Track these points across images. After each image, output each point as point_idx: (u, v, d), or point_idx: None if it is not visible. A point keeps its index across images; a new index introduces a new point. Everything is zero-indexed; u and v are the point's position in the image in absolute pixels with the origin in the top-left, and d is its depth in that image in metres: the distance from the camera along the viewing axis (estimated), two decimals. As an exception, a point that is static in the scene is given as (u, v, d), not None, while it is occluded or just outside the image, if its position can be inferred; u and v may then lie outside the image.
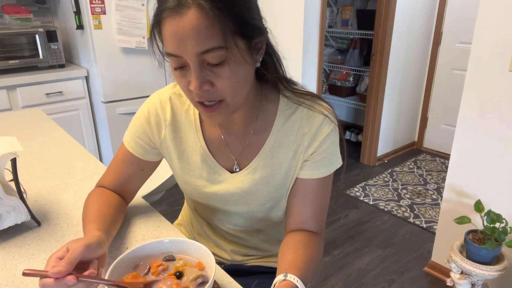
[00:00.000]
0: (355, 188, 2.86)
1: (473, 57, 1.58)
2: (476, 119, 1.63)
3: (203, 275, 0.63)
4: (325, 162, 0.78)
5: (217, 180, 0.82)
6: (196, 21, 0.58)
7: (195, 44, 0.59)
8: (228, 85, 0.64)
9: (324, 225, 0.82)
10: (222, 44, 0.60)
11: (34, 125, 1.53)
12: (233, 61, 0.62)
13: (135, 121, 0.84)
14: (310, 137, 0.76)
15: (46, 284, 0.56)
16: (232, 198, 0.83)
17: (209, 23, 0.58)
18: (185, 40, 0.59)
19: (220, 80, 0.63)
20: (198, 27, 0.58)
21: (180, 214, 1.13)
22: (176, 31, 0.60)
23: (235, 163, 0.81)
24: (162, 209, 2.58)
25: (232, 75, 0.63)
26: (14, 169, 0.81)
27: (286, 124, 0.77)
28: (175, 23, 0.59)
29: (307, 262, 0.71)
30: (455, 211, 1.80)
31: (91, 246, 0.61)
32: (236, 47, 0.62)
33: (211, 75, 0.63)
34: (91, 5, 2.34)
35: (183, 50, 0.61)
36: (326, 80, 3.95)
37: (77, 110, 2.67)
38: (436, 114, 3.42)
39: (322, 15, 2.63)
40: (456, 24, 3.09)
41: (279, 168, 0.79)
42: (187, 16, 0.58)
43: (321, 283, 1.92)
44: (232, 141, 0.81)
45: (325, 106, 0.78)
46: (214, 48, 0.60)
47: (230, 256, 0.96)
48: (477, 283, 1.62)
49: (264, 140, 0.79)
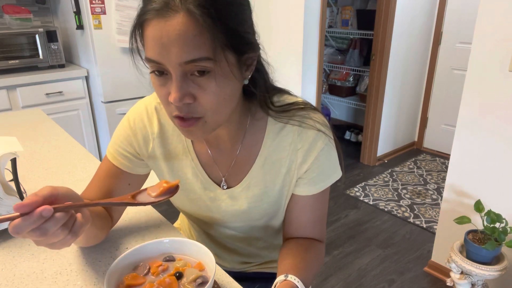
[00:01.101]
0: (355, 188, 2.86)
1: (473, 57, 1.58)
2: (476, 119, 1.63)
3: (203, 276, 0.63)
4: (321, 177, 0.74)
5: (209, 196, 0.78)
6: (183, 28, 0.53)
7: (180, 53, 0.54)
8: (211, 101, 0.58)
9: (324, 231, 0.81)
10: (211, 55, 0.54)
11: (34, 125, 1.53)
12: (220, 75, 0.57)
13: (119, 132, 0.77)
14: (304, 153, 0.71)
15: (16, 225, 0.47)
16: (226, 215, 0.80)
17: (198, 31, 0.53)
18: (169, 47, 0.54)
19: (203, 94, 0.58)
20: (185, 34, 0.53)
21: (179, 218, 1.11)
22: (159, 36, 0.54)
23: (223, 179, 0.77)
24: (162, 209, 2.58)
25: (217, 90, 0.58)
26: (14, 169, 0.81)
27: (277, 140, 0.72)
28: (159, 27, 0.54)
29: (307, 265, 0.70)
30: (455, 211, 1.80)
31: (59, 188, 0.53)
32: (225, 60, 0.56)
33: (194, 88, 0.57)
34: (91, 5, 2.34)
35: (166, 58, 0.55)
36: (326, 80, 3.95)
37: (77, 110, 2.67)
38: (436, 114, 3.42)
39: (322, 15, 2.63)
40: (456, 24, 3.09)
41: (273, 186, 0.75)
42: (174, 20, 0.53)
43: (321, 283, 1.92)
44: (220, 157, 0.76)
45: (317, 118, 0.72)
46: (201, 58, 0.54)
47: (229, 264, 0.95)
48: (477, 283, 1.62)
49: (254, 156, 0.74)
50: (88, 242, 0.75)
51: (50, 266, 0.73)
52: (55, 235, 0.51)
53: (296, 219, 0.78)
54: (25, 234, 0.49)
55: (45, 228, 0.49)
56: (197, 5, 0.53)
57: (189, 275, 0.63)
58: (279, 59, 2.75)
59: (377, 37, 2.93)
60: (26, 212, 0.48)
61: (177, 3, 0.53)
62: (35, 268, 0.73)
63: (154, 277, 0.64)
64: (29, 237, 0.50)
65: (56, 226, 0.50)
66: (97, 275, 0.71)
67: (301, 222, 0.78)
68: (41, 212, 0.48)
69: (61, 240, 0.52)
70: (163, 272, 0.65)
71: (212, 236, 0.91)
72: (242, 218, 0.80)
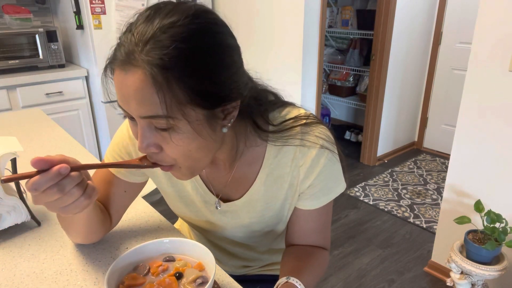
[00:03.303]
0: (355, 188, 2.86)
1: (473, 57, 1.58)
2: (476, 119, 1.62)
3: (203, 276, 0.63)
4: (324, 192, 0.72)
5: (209, 210, 0.78)
6: (139, 85, 0.51)
7: (137, 108, 0.53)
8: (178, 152, 0.57)
9: (329, 239, 0.79)
10: (166, 113, 0.52)
11: (34, 125, 1.53)
12: (185, 131, 0.54)
13: (117, 139, 0.77)
14: (306, 170, 0.70)
15: (35, 182, 0.49)
16: (227, 227, 0.80)
17: (154, 90, 0.51)
18: (128, 100, 0.53)
19: (168, 146, 0.56)
20: (141, 91, 0.51)
21: (179, 219, 1.10)
22: (120, 87, 0.54)
23: (216, 200, 0.76)
24: (162, 209, 2.57)
25: (182, 144, 0.56)
26: (14, 169, 0.81)
27: (278, 157, 0.70)
28: (120, 79, 0.53)
29: (309, 270, 0.70)
30: (455, 211, 1.80)
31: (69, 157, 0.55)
32: (185, 119, 0.53)
33: (159, 139, 0.56)
34: (91, 5, 2.34)
35: (128, 109, 0.55)
36: (326, 80, 3.95)
37: (77, 110, 2.67)
38: (436, 114, 3.42)
39: (322, 15, 2.63)
40: (456, 24, 3.09)
41: (274, 201, 0.74)
42: (132, 76, 0.51)
43: (321, 283, 1.92)
44: (214, 176, 0.75)
45: (320, 133, 0.69)
46: (155, 116, 0.53)
47: (230, 269, 0.94)
48: (477, 283, 1.62)
49: (255, 173, 0.72)
50: (88, 238, 0.76)
51: (50, 266, 0.73)
52: (70, 193, 0.53)
53: (299, 230, 0.77)
54: (42, 195, 0.51)
55: (62, 185, 0.52)
56: (156, 64, 0.50)
57: (189, 275, 0.63)
58: (279, 59, 2.74)
59: (377, 37, 2.93)
60: (43, 168, 0.51)
61: (137, 58, 0.51)
62: (35, 268, 0.73)
63: (154, 277, 0.64)
64: (45, 197, 0.52)
65: (72, 184, 0.53)
66: (97, 275, 0.71)
67: (304, 232, 0.77)
68: (59, 170, 0.51)
69: (75, 202, 0.54)
70: (163, 272, 0.65)
71: (212, 242, 0.91)
72: (243, 230, 0.80)
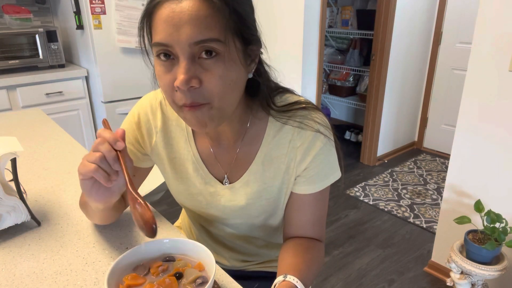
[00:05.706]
0: (355, 188, 2.86)
1: (473, 57, 1.58)
2: (476, 119, 1.63)
3: (203, 276, 0.63)
4: (320, 177, 0.74)
5: (209, 191, 0.80)
6: (196, 8, 0.55)
7: (190, 33, 0.55)
8: (218, 85, 0.58)
9: (324, 231, 0.81)
10: (221, 37, 0.56)
11: (34, 125, 1.53)
12: (228, 59, 0.58)
13: (125, 125, 0.81)
14: (303, 151, 0.72)
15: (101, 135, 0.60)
16: (225, 210, 0.81)
17: (211, 13, 0.55)
18: (180, 27, 0.55)
19: (210, 77, 0.58)
20: (197, 14, 0.55)
21: (180, 217, 1.12)
22: (171, 17, 0.55)
23: (225, 176, 0.78)
24: (162, 209, 2.58)
25: (224, 74, 0.58)
26: (14, 169, 0.81)
27: (277, 137, 0.73)
28: (172, 8, 0.55)
29: (307, 265, 0.70)
30: (455, 211, 1.80)
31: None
32: (234, 45, 0.58)
33: (201, 72, 0.58)
34: (91, 5, 2.34)
35: (176, 38, 0.56)
36: (326, 80, 3.95)
37: (77, 110, 2.67)
38: (436, 114, 3.42)
39: (322, 15, 2.63)
40: (456, 24, 3.09)
41: (272, 182, 0.76)
42: (187, 2, 0.55)
43: (321, 283, 1.92)
44: (221, 154, 0.77)
45: (318, 118, 0.73)
46: (211, 39, 0.55)
47: (229, 263, 0.95)
48: (477, 283, 1.62)
49: (254, 153, 0.75)
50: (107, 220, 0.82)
51: (50, 266, 0.73)
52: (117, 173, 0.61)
53: (295, 218, 0.78)
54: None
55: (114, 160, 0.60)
56: None
57: (189, 275, 0.62)
58: (279, 59, 2.75)
59: (377, 37, 2.93)
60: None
61: None
62: (35, 268, 0.72)
63: (154, 277, 0.64)
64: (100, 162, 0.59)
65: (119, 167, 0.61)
66: (97, 275, 0.71)
67: (300, 222, 0.78)
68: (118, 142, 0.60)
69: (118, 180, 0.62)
70: (163, 273, 0.65)
71: (212, 234, 0.93)
72: (241, 214, 0.81)
